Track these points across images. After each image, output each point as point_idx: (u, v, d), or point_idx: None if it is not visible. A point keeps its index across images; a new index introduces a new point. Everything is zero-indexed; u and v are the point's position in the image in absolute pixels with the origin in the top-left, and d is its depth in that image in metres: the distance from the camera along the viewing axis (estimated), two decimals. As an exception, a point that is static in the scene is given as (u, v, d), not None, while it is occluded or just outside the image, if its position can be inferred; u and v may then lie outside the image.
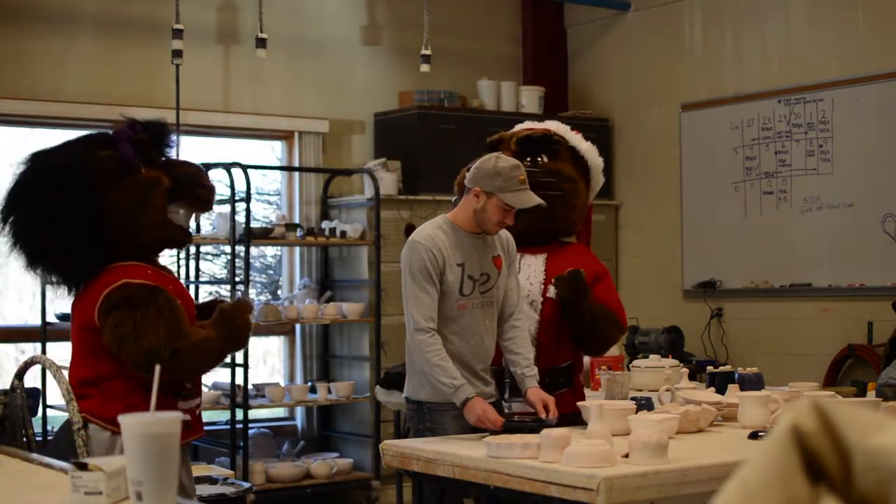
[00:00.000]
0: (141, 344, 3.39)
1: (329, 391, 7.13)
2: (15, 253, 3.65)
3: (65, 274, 3.63)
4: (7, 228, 3.59)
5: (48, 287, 3.88)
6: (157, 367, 2.14)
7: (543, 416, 3.85)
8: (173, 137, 3.74)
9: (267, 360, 7.99)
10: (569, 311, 4.13)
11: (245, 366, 6.59)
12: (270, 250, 8.01)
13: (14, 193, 3.57)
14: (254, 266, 7.83)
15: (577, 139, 4.43)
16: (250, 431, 6.85)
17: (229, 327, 3.60)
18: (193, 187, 3.66)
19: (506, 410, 4.03)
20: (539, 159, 4.31)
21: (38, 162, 3.57)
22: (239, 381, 6.62)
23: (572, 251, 4.38)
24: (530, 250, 4.29)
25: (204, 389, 4.56)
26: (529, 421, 3.76)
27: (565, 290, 4.09)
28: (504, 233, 4.14)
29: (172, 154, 3.75)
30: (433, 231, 4.00)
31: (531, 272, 4.26)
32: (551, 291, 4.18)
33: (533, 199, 3.96)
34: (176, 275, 3.85)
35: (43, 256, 3.60)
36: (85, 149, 3.53)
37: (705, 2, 8.01)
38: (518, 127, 4.54)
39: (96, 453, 3.47)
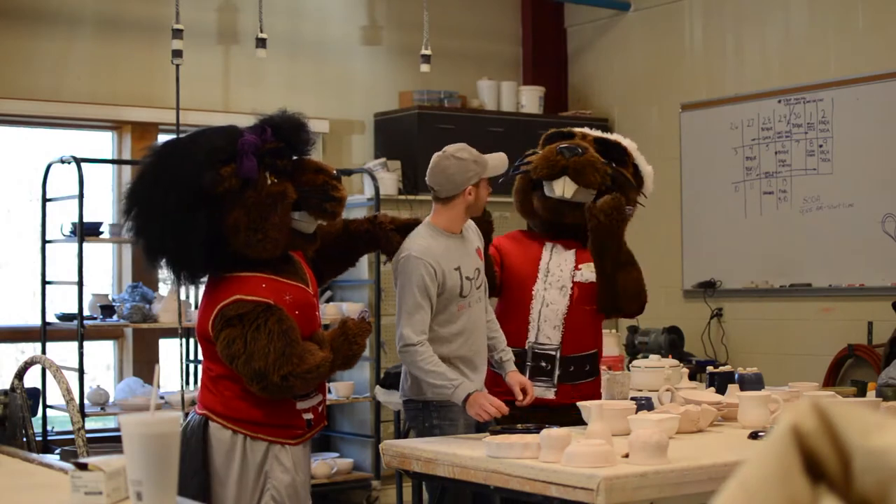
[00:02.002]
0: (251, 366, 3.36)
1: (329, 391, 7.13)
2: (136, 246, 3.58)
3: (182, 276, 3.55)
4: (129, 222, 3.51)
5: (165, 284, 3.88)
6: (157, 366, 2.14)
7: (521, 398, 3.97)
8: (310, 138, 3.57)
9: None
10: (604, 241, 4.06)
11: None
12: (270, 250, 8.00)
13: (137, 191, 3.49)
14: (254, 266, 7.82)
15: (642, 160, 4.45)
16: (250, 431, 6.84)
17: (348, 351, 3.60)
18: (321, 201, 3.54)
19: (516, 403, 4.06)
20: (610, 164, 4.29)
21: (161, 165, 3.43)
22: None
23: None
24: (564, 242, 4.31)
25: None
26: (534, 428, 3.74)
27: (604, 212, 4.02)
28: (472, 224, 4.26)
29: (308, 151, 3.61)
30: (427, 242, 4.04)
31: (562, 259, 4.28)
32: (578, 276, 4.22)
33: (504, 159, 4.21)
34: (299, 272, 3.71)
35: (162, 258, 3.52)
36: (207, 161, 3.36)
37: (705, 2, 8.00)
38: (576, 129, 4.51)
39: (218, 453, 3.46)
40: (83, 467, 2.12)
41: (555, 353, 4.14)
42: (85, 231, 6.27)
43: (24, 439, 3.31)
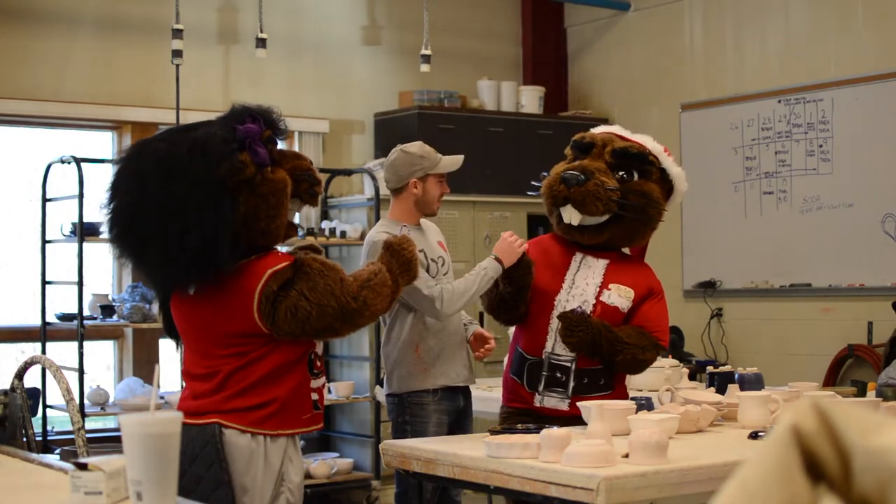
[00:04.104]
0: (326, 312, 3.29)
1: (329, 391, 7.13)
2: (119, 248, 3.36)
3: (176, 278, 3.36)
4: (123, 221, 3.33)
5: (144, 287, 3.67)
6: (157, 366, 2.14)
7: (478, 351, 4.42)
8: (285, 123, 3.53)
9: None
10: (591, 351, 3.98)
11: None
12: (270, 250, 8.00)
13: (139, 187, 3.30)
14: (254, 266, 7.82)
15: (669, 161, 4.24)
16: (250, 431, 6.84)
17: (400, 258, 3.56)
18: (310, 185, 3.51)
19: (537, 404, 4.03)
20: (630, 176, 4.13)
21: (170, 161, 3.28)
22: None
23: (633, 263, 4.29)
24: (593, 254, 4.18)
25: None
26: (534, 428, 3.73)
27: (572, 337, 3.95)
28: (433, 224, 4.58)
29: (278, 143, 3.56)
30: (384, 230, 4.33)
31: (590, 273, 4.14)
32: (605, 296, 4.08)
33: (459, 160, 4.43)
34: None
35: (159, 259, 3.31)
36: (224, 151, 3.27)
37: (705, 2, 8.01)
38: (604, 128, 4.37)
39: (238, 461, 3.33)
40: (83, 467, 2.12)
41: (570, 364, 4.06)
42: (85, 231, 6.27)
43: (24, 439, 3.31)
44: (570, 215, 4.04)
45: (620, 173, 4.12)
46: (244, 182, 3.29)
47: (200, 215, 3.22)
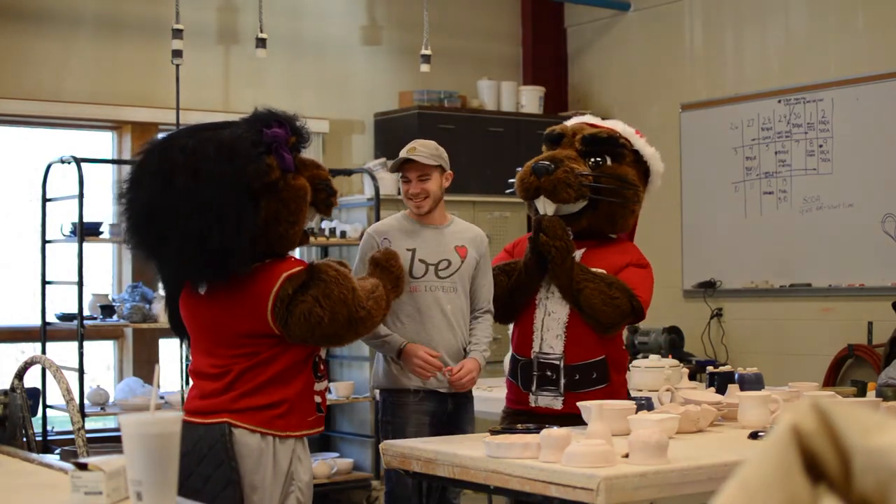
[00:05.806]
0: (337, 320, 3.34)
1: (329, 391, 7.13)
2: (135, 241, 3.35)
3: (191, 276, 3.38)
4: (141, 214, 3.31)
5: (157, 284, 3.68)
6: (157, 366, 2.14)
7: (454, 372, 4.20)
8: (309, 131, 3.55)
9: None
10: (559, 268, 3.93)
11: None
12: (270, 250, 8.00)
13: (163, 183, 3.28)
14: (254, 266, 7.82)
15: (641, 143, 4.26)
16: (250, 431, 6.84)
17: (390, 274, 3.71)
18: (327, 195, 3.53)
19: (532, 404, 4.02)
20: (603, 161, 4.13)
21: (195, 161, 3.27)
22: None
23: (613, 246, 4.24)
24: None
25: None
26: (534, 428, 3.73)
27: (554, 240, 3.89)
28: (477, 231, 4.42)
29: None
30: (385, 222, 4.36)
31: None
32: None
33: (399, 160, 4.24)
34: None
35: (175, 256, 3.31)
36: (252, 154, 3.27)
37: (705, 2, 8.01)
38: (576, 120, 4.35)
39: (247, 461, 3.32)
40: (83, 467, 2.12)
41: (558, 362, 4.05)
42: (85, 231, 6.27)
43: (24, 439, 3.31)
44: (545, 206, 4.02)
45: (593, 159, 4.11)
46: (268, 186, 3.30)
47: (223, 216, 3.23)
